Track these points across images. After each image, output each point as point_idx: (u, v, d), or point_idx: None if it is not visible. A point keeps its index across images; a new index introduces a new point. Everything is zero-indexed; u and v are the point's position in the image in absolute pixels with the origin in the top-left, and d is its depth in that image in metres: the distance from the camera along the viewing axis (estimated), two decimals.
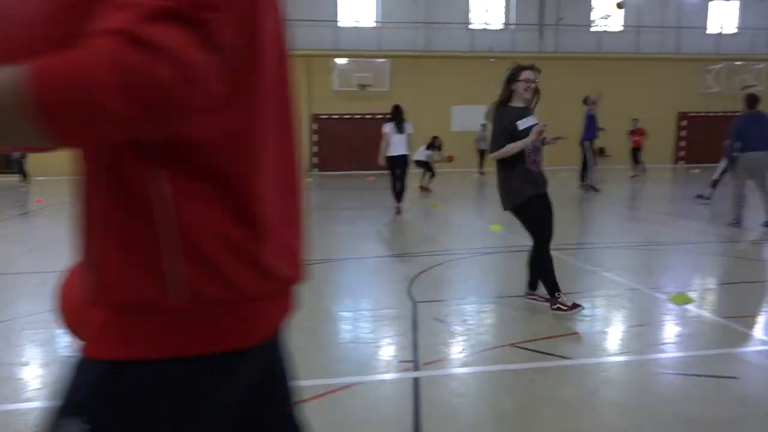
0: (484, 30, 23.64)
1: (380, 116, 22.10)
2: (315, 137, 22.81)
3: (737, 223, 8.11)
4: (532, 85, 4.09)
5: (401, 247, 7.47)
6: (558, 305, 4.12)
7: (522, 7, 23.56)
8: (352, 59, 22.36)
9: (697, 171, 21.60)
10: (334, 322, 4.17)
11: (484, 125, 19.76)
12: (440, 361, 3.40)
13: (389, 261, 6.40)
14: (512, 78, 4.12)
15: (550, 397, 2.94)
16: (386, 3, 22.78)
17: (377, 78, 22.54)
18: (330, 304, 4.62)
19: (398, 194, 10.13)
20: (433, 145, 13.93)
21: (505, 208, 4.21)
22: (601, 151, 24.20)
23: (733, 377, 3.13)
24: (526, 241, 4.42)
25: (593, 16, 24.06)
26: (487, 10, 23.71)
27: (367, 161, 21.28)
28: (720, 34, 24.87)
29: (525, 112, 4.14)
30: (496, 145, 4.11)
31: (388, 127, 9.91)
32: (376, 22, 22.90)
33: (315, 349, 3.62)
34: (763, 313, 4.32)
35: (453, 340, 3.73)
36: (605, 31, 24.13)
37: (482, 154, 19.28)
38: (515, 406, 2.82)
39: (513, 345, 3.61)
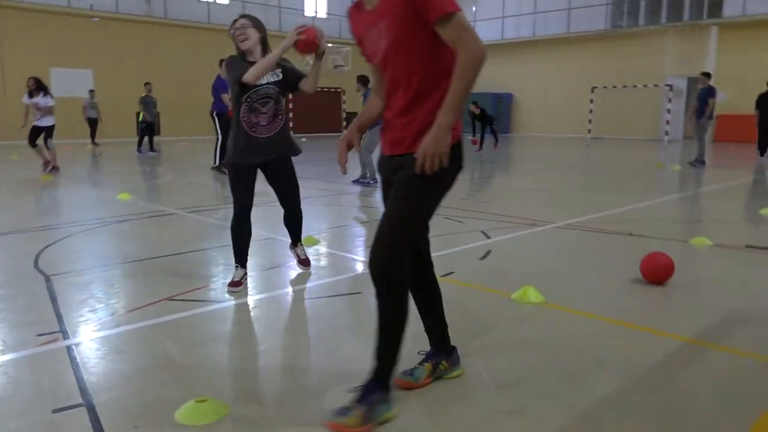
0: None
1: None
2: None
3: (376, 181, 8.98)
4: (239, 34, 3.66)
5: (16, 223, 6.47)
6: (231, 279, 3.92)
7: None
8: None
9: (304, 139, 24.16)
10: None
11: (92, 92, 18.08)
12: (91, 325, 3.22)
13: (3, 238, 5.51)
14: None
15: (215, 334, 3.13)
16: None
17: None
18: None
19: None
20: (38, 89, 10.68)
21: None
22: None
23: (359, 292, 3.84)
24: (157, 206, 4.41)
25: None
26: None
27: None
28: (314, 17, 27.98)
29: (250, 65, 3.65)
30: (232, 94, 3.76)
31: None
32: None
33: None
34: (364, 244, 5.31)
35: (101, 305, 3.55)
36: (214, 3, 24.54)
37: (93, 123, 17.60)
38: (181, 350, 2.92)
39: (168, 299, 3.65)
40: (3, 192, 8.59)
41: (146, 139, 15.36)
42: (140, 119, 15.67)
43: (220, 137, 10.54)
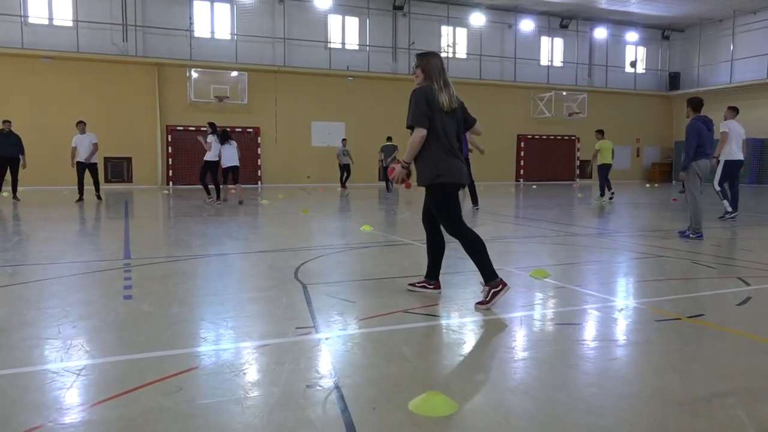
0: (342, 49, 24.36)
1: (239, 129, 21.83)
2: (170, 149, 21.86)
3: (700, 236, 7.45)
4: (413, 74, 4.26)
5: (281, 244, 7.53)
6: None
7: (377, 30, 24.67)
8: (208, 70, 21.86)
9: (535, 187, 23.93)
10: (238, 303, 4.18)
11: (344, 140, 20.24)
12: (338, 324, 3.59)
13: (271, 255, 6.45)
14: None
15: (445, 343, 3.27)
16: (242, 16, 22.65)
17: (235, 91, 22.26)
18: (225, 287, 4.61)
19: (216, 189, 13.45)
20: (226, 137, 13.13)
21: None
22: None
23: (577, 323, 3.68)
24: (396, 237, 4.72)
25: (442, 43, 25.84)
26: (343, 32, 24.48)
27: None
28: (549, 65, 27.91)
29: None
30: None
31: (210, 138, 13.19)
32: (232, 34, 22.65)
33: (231, 319, 3.64)
34: (601, 281, 5.05)
35: (346, 310, 3.94)
36: (454, 57, 25.99)
37: (345, 168, 19.56)
38: (413, 353, 3.10)
39: (404, 311, 3.91)
40: (274, 221, 10.05)
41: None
42: (385, 164, 17.59)
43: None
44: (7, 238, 7.83)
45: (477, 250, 4.00)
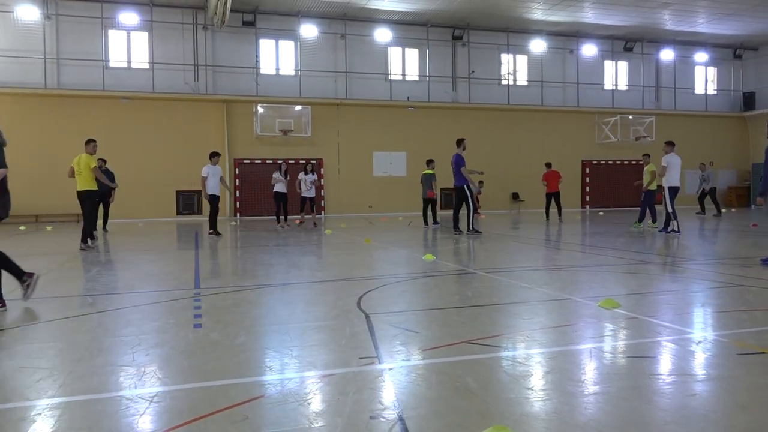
0: (402, 81, 24.68)
1: (303, 161, 22.35)
2: (237, 182, 22.60)
3: None
4: None
5: (344, 274, 7.59)
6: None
7: (436, 60, 24.87)
8: (274, 105, 22.58)
9: (602, 213, 23.24)
10: (302, 332, 4.24)
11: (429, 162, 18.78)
12: (401, 355, 3.56)
13: (334, 284, 6.51)
14: None
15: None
16: (306, 52, 23.36)
17: (299, 124, 22.86)
18: (290, 317, 4.68)
19: (280, 216, 16.12)
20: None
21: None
22: (515, 196, 25.55)
23: (651, 357, 3.50)
24: (458, 266, 4.68)
25: (501, 71, 25.75)
26: (404, 63, 24.81)
27: (294, 206, 21.19)
28: (614, 89, 27.29)
29: None
30: None
31: (276, 174, 16.01)
32: (296, 70, 23.37)
33: (295, 348, 3.69)
34: (676, 312, 4.81)
35: (409, 340, 3.91)
36: (513, 84, 25.84)
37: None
38: (479, 385, 3.03)
39: (468, 341, 3.84)
40: (336, 251, 10.17)
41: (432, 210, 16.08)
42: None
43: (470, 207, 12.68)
44: (88, 269, 8.26)
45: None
